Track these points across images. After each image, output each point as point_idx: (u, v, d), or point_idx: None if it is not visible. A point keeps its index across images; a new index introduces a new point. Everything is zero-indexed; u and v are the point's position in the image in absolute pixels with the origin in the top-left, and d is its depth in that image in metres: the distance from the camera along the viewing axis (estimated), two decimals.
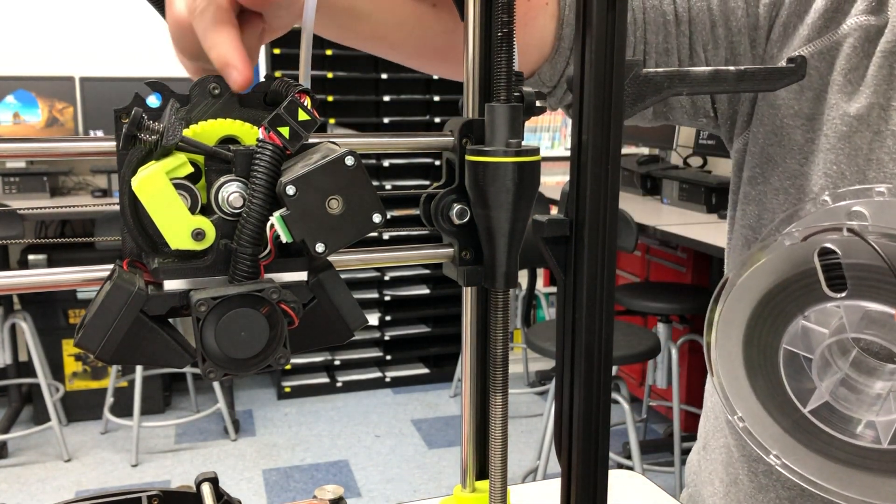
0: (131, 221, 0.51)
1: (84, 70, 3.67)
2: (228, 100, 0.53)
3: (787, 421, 0.57)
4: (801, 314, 0.54)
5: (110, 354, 0.49)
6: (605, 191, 0.53)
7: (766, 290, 0.54)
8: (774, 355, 0.55)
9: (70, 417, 3.57)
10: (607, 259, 0.54)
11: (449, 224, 0.60)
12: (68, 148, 0.52)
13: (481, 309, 0.68)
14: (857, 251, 0.52)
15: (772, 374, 0.56)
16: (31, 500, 2.95)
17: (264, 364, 0.50)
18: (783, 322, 0.54)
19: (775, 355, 0.55)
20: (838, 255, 0.52)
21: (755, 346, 0.56)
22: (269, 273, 0.52)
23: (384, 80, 3.86)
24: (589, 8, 0.51)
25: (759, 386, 0.57)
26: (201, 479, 0.71)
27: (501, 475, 0.63)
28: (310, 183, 0.50)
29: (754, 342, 0.56)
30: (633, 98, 0.54)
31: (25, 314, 3.28)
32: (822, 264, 0.52)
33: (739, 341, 0.56)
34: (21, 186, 3.51)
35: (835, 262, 0.52)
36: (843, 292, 0.52)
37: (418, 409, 3.78)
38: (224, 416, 3.42)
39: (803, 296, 0.53)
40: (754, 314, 0.55)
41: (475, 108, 0.63)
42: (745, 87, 0.57)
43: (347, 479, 3.12)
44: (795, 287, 0.53)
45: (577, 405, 0.56)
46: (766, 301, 0.54)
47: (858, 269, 0.52)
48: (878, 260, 0.51)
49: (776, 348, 0.55)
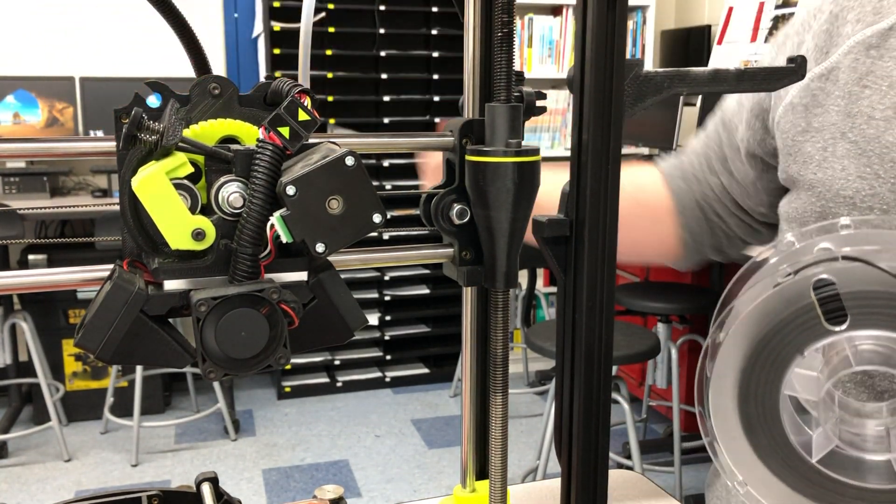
0: (131, 221, 0.51)
1: (84, 70, 3.67)
2: (228, 100, 0.53)
3: (794, 476, 0.54)
4: (800, 355, 0.51)
5: (110, 354, 0.49)
6: (605, 191, 0.53)
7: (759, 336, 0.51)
8: (775, 406, 0.52)
9: (70, 417, 3.57)
10: (607, 259, 0.54)
11: (449, 224, 0.60)
12: (68, 148, 0.52)
13: (481, 309, 0.68)
14: (853, 280, 0.49)
15: (774, 428, 0.53)
16: (31, 500, 2.95)
17: (264, 364, 0.50)
18: (781, 367, 0.51)
19: (776, 406, 0.52)
20: (835, 285, 0.49)
21: (752, 399, 0.52)
22: (269, 273, 0.52)
23: (384, 80, 3.86)
24: (589, 8, 0.51)
25: (761, 444, 0.53)
26: (201, 479, 0.71)
27: (501, 475, 0.63)
28: (310, 183, 0.50)
29: (751, 396, 0.52)
30: (633, 98, 0.54)
31: (25, 314, 3.28)
32: (818, 298, 0.50)
33: (734, 398, 0.53)
34: (21, 186, 3.50)
35: (831, 293, 0.49)
36: (844, 324, 0.50)
37: (418, 409, 3.78)
38: (224, 416, 3.42)
39: (801, 334, 0.50)
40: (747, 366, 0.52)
41: (475, 108, 0.63)
42: (746, 87, 0.57)
43: (347, 479, 3.12)
44: (791, 328, 0.50)
45: (577, 405, 0.56)
46: (759, 349, 0.52)
47: (858, 298, 0.49)
48: (877, 285, 0.49)
49: (776, 398, 0.52)
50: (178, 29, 0.55)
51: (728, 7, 3.58)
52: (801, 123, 0.84)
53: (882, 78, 0.78)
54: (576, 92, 0.53)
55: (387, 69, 3.86)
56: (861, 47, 0.80)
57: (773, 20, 3.32)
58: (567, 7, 4.03)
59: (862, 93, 0.79)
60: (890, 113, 0.77)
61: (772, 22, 3.32)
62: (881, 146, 0.77)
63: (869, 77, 0.79)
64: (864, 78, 0.80)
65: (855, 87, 0.80)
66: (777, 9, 3.32)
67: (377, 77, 3.86)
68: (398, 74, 3.87)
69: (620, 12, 0.51)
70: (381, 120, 3.91)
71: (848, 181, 0.79)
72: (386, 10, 3.79)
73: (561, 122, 4.20)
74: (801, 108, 0.84)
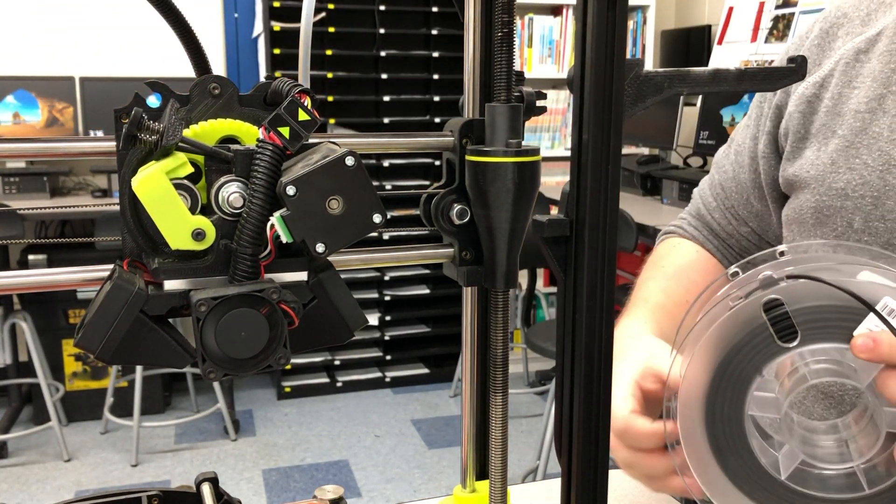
0: (131, 221, 0.50)
1: (84, 70, 3.67)
2: (228, 100, 0.53)
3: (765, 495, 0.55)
4: (759, 374, 0.53)
5: (110, 354, 0.49)
6: (605, 191, 0.53)
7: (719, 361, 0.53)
8: (741, 426, 0.54)
9: (70, 417, 3.57)
10: (607, 259, 0.54)
11: (449, 224, 0.60)
12: (68, 148, 0.52)
13: (481, 309, 0.68)
14: (800, 297, 0.52)
15: (742, 448, 0.54)
16: (31, 500, 2.95)
17: (264, 364, 0.50)
18: (743, 388, 0.53)
19: (742, 426, 0.54)
20: (784, 304, 0.52)
21: (719, 422, 0.54)
22: (269, 273, 0.52)
23: (384, 80, 3.86)
24: (589, 8, 0.51)
25: (731, 466, 0.55)
26: (201, 479, 0.71)
27: (501, 475, 0.63)
28: (310, 183, 0.50)
29: (717, 419, 0.54)
30: (633, 98, 0.54)
31: (25, 314, 3.28)
32: (769, 318, 0.52)
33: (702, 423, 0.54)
34: (21, 186, 3.50)
35: (781, 312, 0.52)
36: (796, 340, 0.52)
37: (418, 409, 3.78)
38: (224, 416, 3.42)
39: (757, 355, 0.52)
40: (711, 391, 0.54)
41: (475, 108, 0.63)
42: (746, 87, 0.57)
43: (347, 479, 3.12)
44: (748, 349, 0.52)
45: (577, 405, 0.56)
46: (721, 372, 0.53)
47: (806, 314, 0.52)
48: (823, 300, 0.51)
49: (741, 418, 0.54)
50: (178, 29, 0.55)
51: (728, 7, 3.58)
52: (800, 131, 0.88)
53: (867, 76, 0.83)
54: (576, 92, 0.53)
55: (387, 69, 3.86)
56: (851, 53, 0.85)
57: (773, 20, 3.32)
58: (567, 7, 4.03)
59: (851, 93, 0.84)
60: (874, 104, 0.81)
61: (772, 22, 3.32)
62: (868, 137, 0.81)
63: (858, 79, 0.84)
64: (853, 80, 0.84)
65: (845, 89, 0.84)
66: (777, 9, 3.31)
67: (377, 77, 3.86)
68: (398, 74, 3.87)
69: (620, 12, 0.51)
70: (381, 120, 3.91)
71: (838, 173, 0.82)
72: (386, 10, 3.79)
73: (561, 122, 4.20)
74: (798, 115, 0.88)
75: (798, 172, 0.87)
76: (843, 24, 0.88)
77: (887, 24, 0.83)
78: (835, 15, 0.90)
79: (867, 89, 0.82)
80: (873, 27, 0.84)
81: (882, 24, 0.84)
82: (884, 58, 0.81)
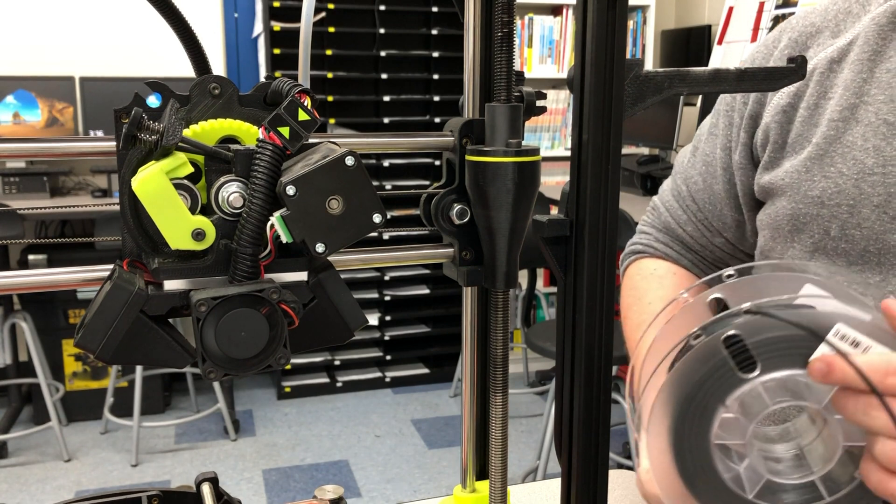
0: (131, 221, 0.51)
1: (84, 70, 3.67)
2: (228, 100, 0.53)
3: None
4: (722, 405, 0.55)
5: (110, 354, 0.49)
6: (605, 191, 0.53)
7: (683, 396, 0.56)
8: (707, 454, 0.56)
9: (70, 417, 3.57)
10: (607, 259, 0.54)
11: (449, 224, 0.60)
12: (68, 148, 0.52)
13: (481, 309, 0.68)
14: (756, 330, 0.54)
15: (709, 474, 0.57)
16: (31, 500, 2.95)
17: (264, 364, 0.50)
18: (708, 419, 0.56)
19: (708, 454, 0.56)
20: (742, 339, 0.54)
21: (687, 453, 0.56)
22: (269, 273, 0.52)
23: (384, 80, 3.86)
24: (589, 8, 0.51)
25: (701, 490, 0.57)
26: (201, 479, 0.71)
27: (501, 475, 0.63)
28: (310, 183, 0.50)
29: (685, 450, 0.56)
30: (633, 98, 0.54)
31: (25, 314, 3.28)
32: (729, 352, 0.55)
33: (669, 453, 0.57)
34: (21, 186, 3.50)
35: (740, 346, 0.54)
36: (756, 370, 0.54)
37: (418, 409, 3.78)
38: (224, 416, 3.42)
39: (720, 387, 0.55)
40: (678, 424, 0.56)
41: (475, 108, 0.63)
42: (746, 87, 0.57)
43: (347, 479, 3.12)
44: (710, 382, 0.55)
45: (577, 405, 0.56)
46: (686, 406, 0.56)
47: (763, 345, 0.54)
48: (777, 331, 0.54)
49: (707, 447, 0.56)
50: (178, 29, 0.55)
51: (728, 7, 3.58)
52: (778, 141, 0.88)
53: (840, 85, 0.83)
54: (576, 92, 0.53)
55: (387, 69, 3.86)
56: (824, 63, 0.85)
57: (773, 20, 3.32)
58: (567, 7, 4.03)
59: (826, 104, 0.84)
60: (847, 113, 0.82)
61: (772, 22, 3.32)
62: (842, 146, 0.81)
63: (832, 89, 0.84)
64: (828, 91, 0.85)
65: (821, 100, 0.85)
66: (777, 9, 3.32)
67: (377, 77, 3.86)
68: (398, 74, 3.87)
69: (620, 12, 0.51)
70: (381, 120, 3.91)
71: (814, 181, 0.83)
72: (386, 10, 3.79)
73: (561, 122, 4.20)
74: (776, 125, 0.88)
75: (773, 180, 0.87)
76: (813, 33, 0.88)
77: (857, 33, 0.84)
78: (803, 24, 0.90)
79: (840, 98, 0.83)
80: (843, 37, 0.85)
81: (852, 33, 0.84)
82: (855, 67, 0.82)
